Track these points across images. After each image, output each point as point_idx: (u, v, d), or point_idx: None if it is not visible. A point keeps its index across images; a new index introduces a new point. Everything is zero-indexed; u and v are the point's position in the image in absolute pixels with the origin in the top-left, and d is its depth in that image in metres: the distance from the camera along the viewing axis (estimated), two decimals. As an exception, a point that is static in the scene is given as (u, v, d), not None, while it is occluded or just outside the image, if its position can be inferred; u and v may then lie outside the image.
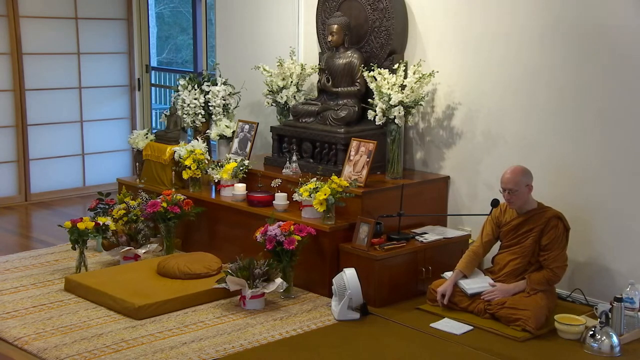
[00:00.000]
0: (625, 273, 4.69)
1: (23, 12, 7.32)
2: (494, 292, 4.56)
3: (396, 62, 5.49)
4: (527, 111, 5.11)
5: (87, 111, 7.86)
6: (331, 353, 4.13)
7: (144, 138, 6.37)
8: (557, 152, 4.99)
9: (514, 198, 4.58)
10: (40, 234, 6.44)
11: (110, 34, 7.98)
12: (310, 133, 5.67)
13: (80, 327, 4.41)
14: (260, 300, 4.72)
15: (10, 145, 7.36)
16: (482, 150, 5.37)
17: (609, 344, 4.11)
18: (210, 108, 6.34)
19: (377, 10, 5.64)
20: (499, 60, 5.23)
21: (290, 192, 5.28)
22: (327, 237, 4.96)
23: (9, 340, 4.25)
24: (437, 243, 5.07)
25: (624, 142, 4.70)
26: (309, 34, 6.30)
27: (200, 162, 5.81)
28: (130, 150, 7.52)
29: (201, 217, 5.68)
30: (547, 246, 4.55)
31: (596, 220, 4.83)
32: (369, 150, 5.23)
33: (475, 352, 4.15)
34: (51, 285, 5.08)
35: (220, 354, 4.08)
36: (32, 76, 7.42)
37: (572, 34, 4.85)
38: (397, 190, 5.13)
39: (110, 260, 5.51)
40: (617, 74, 4.69)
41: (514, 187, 4.55)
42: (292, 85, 6.03)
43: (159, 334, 4.32)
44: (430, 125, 5.65)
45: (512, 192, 4.56)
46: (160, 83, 10.58)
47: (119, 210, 5.70)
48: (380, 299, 4.78)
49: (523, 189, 4.57)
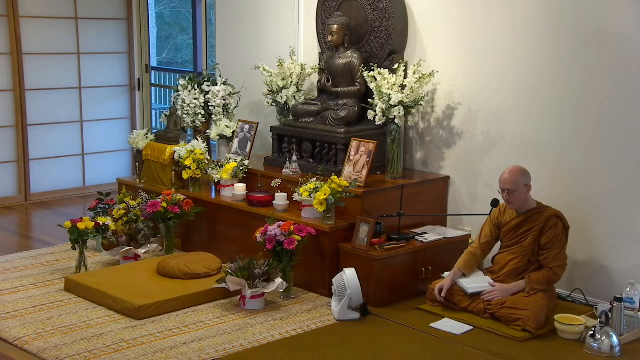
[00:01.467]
0: (625, 273, 4.69)
1: (23, 12, 7.32)
2: (493, 292, 4.56)
3: (396, 62, 5.49)
4: (527, 111, 5.11)
5: (87, 111, 7.86)
6: (331, 353, 4.13)
7: (144, 138, 6.37)
8: (557, 152, 4.99)
9: (513, 198, 4.58)
10: (40, 234, 6.43)
11: (110, 34, 7.97)
12: (310, 133, 5.67)
13: (80, 327, 4.40)
14: (260, 300, 4.72)
15: (10, 145, 7.36)
16: (482, 150, 5.37)
17: (609, 344, 4.11)
18: (210, 108, 6.34)
19: (377, 10, 5.64)
20: (499, 60, 5.23)
21: (290, 192, 5.28)
22: (327, 237, 4.96)
23: (9, 340, 4.25)
24: (437, 243, 5.07)
25: (624, 143, 4.70)
26: (309, 34, 6.29)
27: (200, 162, 5.81)
28: (130, 150, 7.51)
29: (201, 217, 5.68)
30: (546, 245, 4.55)
31: (596, 220, 4.83)
32: (369, 150, 5.22)
33: (475, 352, 4.15)
34: (51, 285, 5.08)
35: (220, 354, 4.08)
36: (32, 76, 7.42)
37: (572, 34, 4.85)
38: (397, 190, 5.13)
39: (110, 260, 5.51)
40: (617, 74, 4.69)
41: (512, 187, 4.55)
42: (292, 85, 6.03)
43: (159, 334, 4.32)
44: (430, 125, 5.65)
45: (510, 193, 4.56)
46: (160, 83, 10.58)
47: (119, 210, 5.70)
48: (380, 299, 4.78)
49: (522, 189, 4.57)
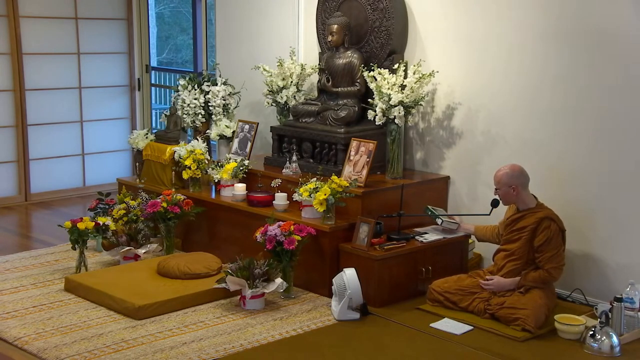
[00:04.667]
0: (625, 273, 4.69)
1: (23, 12, 7.32)
2: (489, 283, 4.59)
3: (396, 62, 5.49)
4: (527, 111, 5.11)
5: (87, 111, 7.86)
6: (331, 353, 4.13)
7: (144, 138, 6.36)
8: (557, 151, 4.99)
9: (499, 194, 4.69)
10: (40, 234, 6.43)
11: (110, 34, 7.97)
12: (310, 133, 5.67)
13: (80, 327, 4.40)
14: (260, 300, 4.72)
15: (10, 145, 7.36)
16: (482, 150, 5.37)
17: (609, 344, 4.11)
18: (210, 108, 6.34)
19: (377, 10, 5.64)
20: (499, 60, 5.23)
21: (290, 192, 5.28)
22: (327, 237, 4.96)
23: (9, 340, 4.25)
24: (437, 243, 5.07)
25: (624, 142, 4.70)
26: (309, 34, 6.29)
27: (200, 162, 5.81)
28: (130, 150, 7.51)
29: (201, 217, 5.68)
30: (540, 247, 4.55)
31: (596, 220, 4.83)
32: (369, 150, 5.22)
33: (475, 352, 4.15)
34: (51, 285, 5.08)
35: (220, 354, 4.08)
36: (32, 76, 7.42)
37: (572, 34, 4.85)
38: (397, 190, 5.13)
39: (110, 260, 5.51)
40: (617, 74, 4.68)
41: (496, 186, 4.69)
42: (292, 85, 6.03)
43: (159, 334, 4.32)
44: (430, 125, 5.65)
45: (496, 190, 4.68)
46: (160, 83, 10.58)
47: (119, 210, 5.70)
48: (380, 299, 4.78)
49: (505, 189, 4.63)
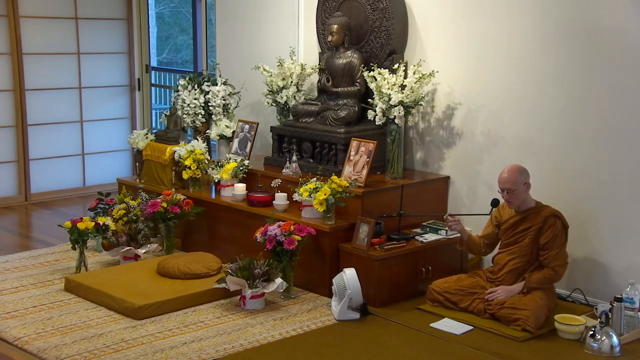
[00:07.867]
0: (625, 273, 4.69)
1: (23, 12, 7.32)
2: (496, 292, 4.56)
3: (396, 62, 5.49)
4: (527, 111, 5.11)
5: (87, 111, 7.86)
6: (331, 353, 4.13)
7: (144, 138, 6.36)
8: (557, 152, 4.99)
9: (513, 197, 4.58)
10: (40, 234, 6.43)
11: (110, 34, 7.97)
12: (310, 133, 5.67)
13: (80, 327, 4.40)
14: (260, 300, 4.72)
15: (10, 145, 7.36)
16: (482, 150, 5.37)
17: (609, 344, 4.11)
18: (210, 108, 6.34)
19: (377, 10, 5.64)
20: (499, 60, 5.23)
21: (290, 192, 5.28)
22: (327, 237, 4.96)
23: (9, 340, 4.25)
24: (437, 243, 5.07)
25: (624, 142, 4.69)
26: (309, 34, 6.29)
27: (200, 162, 5.81)
28: (130, 150, 7.51)
29: (201, 217, 5.68)
30: (545, 245, 4.55)
31: (596, 220, 4.82)
32: (369, 150, 5.22)
33: (475, 352, 4.14)
34: (51, 285, 5.08)
35: (220, 354, 4.08)
36: (32, 76, 7.42)
37: (572, 34, 4.85)
38: (397, 190, 5.13)
39: (110, 260, 5.51)
40: (618, 74, 4.68)
41: (512, 187, 4.55)
42: (292, 85, 6.03)
43: (159, 334, 4.32)
44: (430, 125, 5.65)
45: (510, 192, 4.56)
46: (160, 83, 10.58)
47: (119, 210, 5.70)
48: (380, 299, 4.78)
49: (521, 188, 4.57)
